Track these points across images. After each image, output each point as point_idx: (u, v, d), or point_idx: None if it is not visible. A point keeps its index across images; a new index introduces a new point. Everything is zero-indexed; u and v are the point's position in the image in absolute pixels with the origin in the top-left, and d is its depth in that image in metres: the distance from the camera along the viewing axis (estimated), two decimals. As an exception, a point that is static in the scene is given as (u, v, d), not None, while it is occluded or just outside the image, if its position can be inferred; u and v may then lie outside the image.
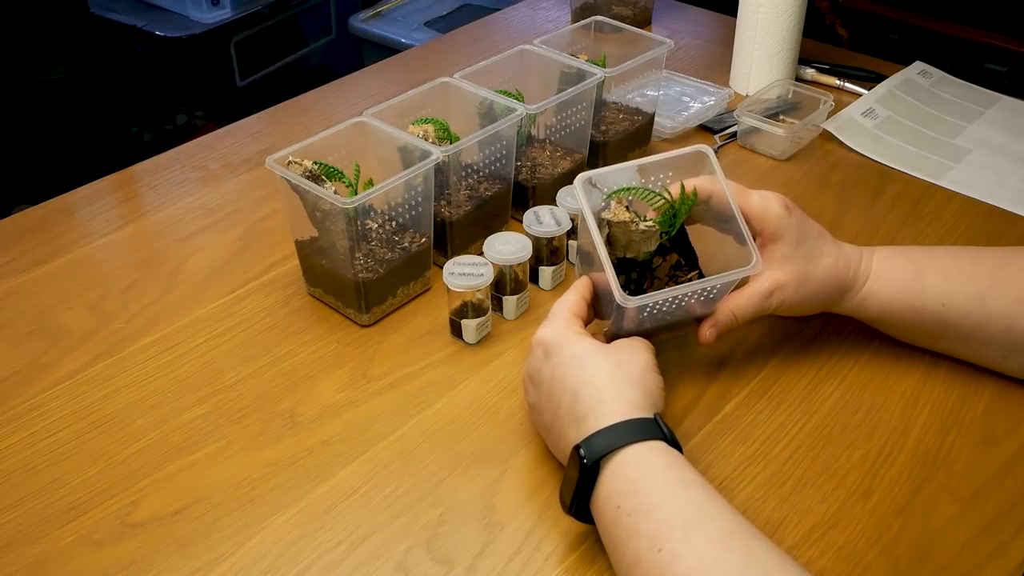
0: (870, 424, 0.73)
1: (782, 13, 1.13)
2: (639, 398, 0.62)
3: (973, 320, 0.72)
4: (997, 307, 0.71)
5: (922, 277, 0.73)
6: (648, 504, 0.57)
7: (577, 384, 0.63)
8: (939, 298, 0.72)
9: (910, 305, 0.73)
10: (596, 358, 0.64)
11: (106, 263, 0.91)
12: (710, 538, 0.55)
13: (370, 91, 1.21)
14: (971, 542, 0.64)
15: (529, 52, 0.97)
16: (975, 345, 0.74)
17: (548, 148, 0.97)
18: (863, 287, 0.74)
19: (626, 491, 0.58)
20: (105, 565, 0.63)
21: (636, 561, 0.56)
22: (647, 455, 0.59)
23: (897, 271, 0.74)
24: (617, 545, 0.58)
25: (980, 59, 1.45)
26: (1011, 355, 0.73)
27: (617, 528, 0.58)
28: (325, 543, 0.64)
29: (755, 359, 0.79)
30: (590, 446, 0.60)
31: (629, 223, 0.69)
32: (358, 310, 0.81)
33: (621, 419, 0.60)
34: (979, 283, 0.72)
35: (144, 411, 0.74)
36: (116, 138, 2.04)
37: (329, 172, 0.79)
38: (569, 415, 0.63)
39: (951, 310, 0.72)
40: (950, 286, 0.72)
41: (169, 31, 2.21)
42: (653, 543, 0.55)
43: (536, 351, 0.67)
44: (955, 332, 0.74)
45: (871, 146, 1.08)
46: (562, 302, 0.70)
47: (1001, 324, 0.72)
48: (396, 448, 0.71)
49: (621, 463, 0.59)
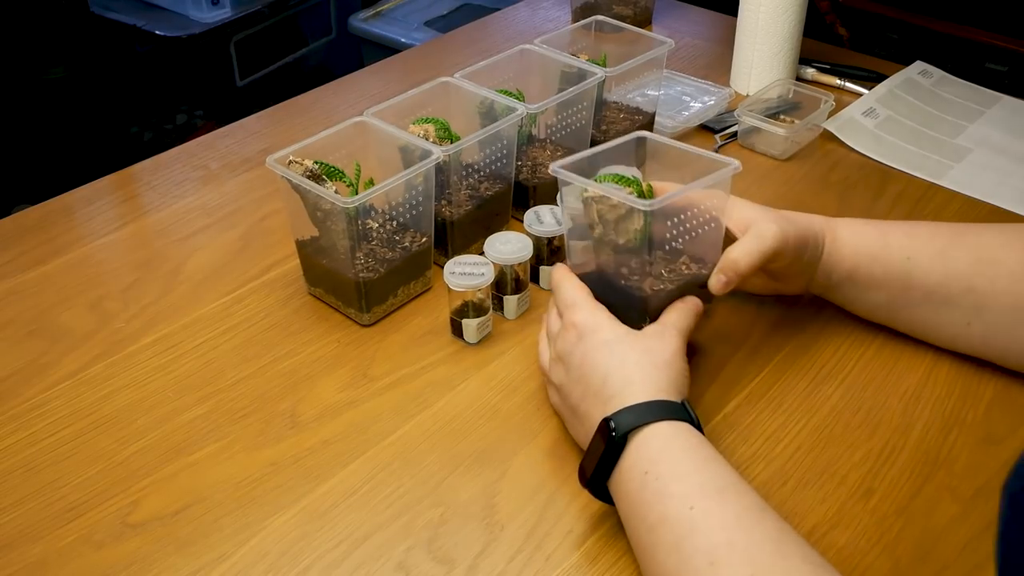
0: (871, 424, 0.73)
1: (782, 13, 1.13)
2: (665, 383, 0.64)
3: (935, 278, 0.74)
4: (958, 266, 0.73)
5: (886, 234, 0.76)
6: (679, 471, 0.58)
7: (607, 368, 0.65)
8: (903, 251, 0.75)
9: (876, 258, 0.75)
10: (627, 345, 0.66)
11: (106, 263, 0.91)
12: (745, 506, 0.56)
13: (370, 91, 1.21)
14: (972, 542, 0.64)
15: (529, 52, 0.97)
16: (938, 307, 0.75)
17: (549, 148, 0.97)
18: (835, 236, 0.76)
19: (655, 459, 0.59)
20: (105, 565, 0.63)
21: (663, 518, 0.56)
22: (676, 432, 0.61)
23: (862, 226, 0.78)
24: (640, 507, 0.59)
25: (980, 59, 1.45)
26: (973, 319, 0.74)
27: (643, 491, 0.59)
28: (326, 543, 0.64)
29: (755, 359, 0.79)
30: (619, 419, 0.61)
31: (607, 197, 0.70)
32: (359, 310, 0.81)
33: (651, 399, 0.62)
34: (940, 241, 0.75)
35: (144, 411, 0.74)
36: (116, 138, 2.04)
37: (330, 172, 0.79)
38: (596, 397, 0.64)
39: (914, 265, 0.74)
40: (913, 243, 0.75)
41: (169, 31, 2.21)
42: (684, 501, 0.56)
43: (569, 333, 0.68)
44: (918, 291, 0.75)
45: (872, 146, 1.08)
46: (573, 287, 0.71)
47: (962, 284, 0.73)
48: (397, 448, 0.71)
49: (650, 435, 0.60)
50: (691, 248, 0.74)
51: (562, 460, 0.69)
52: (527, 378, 0.77)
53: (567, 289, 0.71)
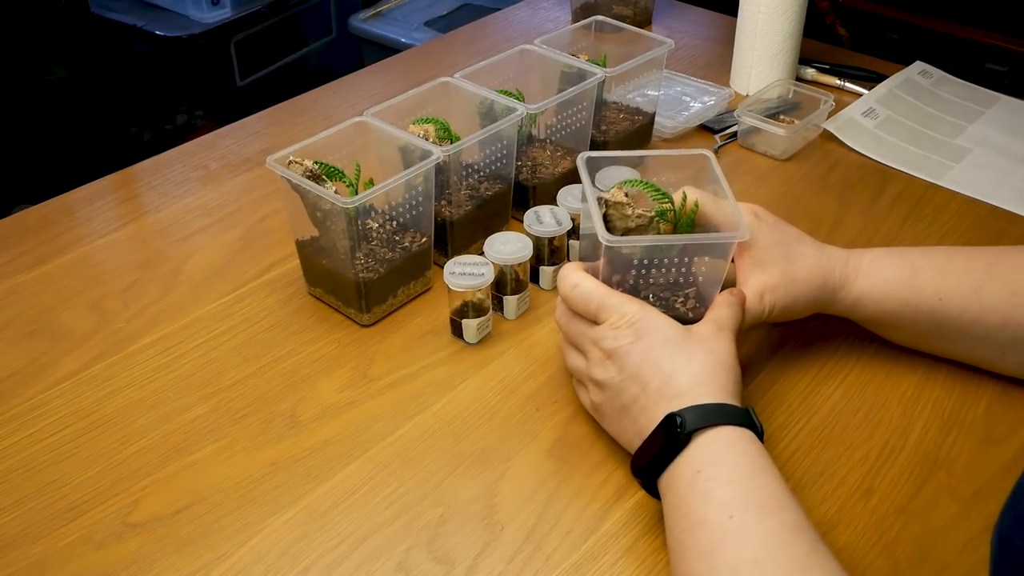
0: (871, 424, 0.73)
1: (782, 13, 1.13)
2: (732, 386, 0.64)
3: (970, 315, 0.72)
4: (993, 301, 0.72)
5: (917, 274, 0.73)
6: (731, 476, 0.58)
7: (672, 367, 0.64)
8: (936, 294, 0.72)
9: (907, 302, 0.73)
10: (691, 345, 0.65)
11: (106, 263, 0.91)
12: (782, 522, 0.56)
13: (370, 91, 1.21)
14: (972, 542, 0.64)
15: (529, 52, 0.97)
16: (973, 342, 0.74)
17: (548, 148, 0.97)
18: (855, 286, 0.74)
19: (711, 461, 0.59)
20: (106, 565, 0.63)
21: (701, 520, 0.57)
22: (739, 437, 0.61)
23: (892, 268, 0.74)
24: (682, 506, 0.59)
25: (980, 59, 1.45)
26: (1009, 351, 0.73)
27: (692, 489, 0.59)
28: (326, 543, 0.64)
29: (755, 359, 0.79)
30: (688, 416, 0.61)
31: (624, 205, 0.70)
32: (358, 310, 0.81)
33: (718, 401, 0.62)
34: (975, 277, 0.72)
35: (144, 411, 0.74)
36: (116, 138, 2.04)
37: (330, 172, 0.79)
38: (658, 393, 0.64)
39: (948, 305, 0.72)
40: (946, 282, 0.73)
41: (169, 31, 2.21)
42: (725, 510, 0.56)
43: (623, 332, 0.66)
44: (953, 329, 0.73)
45: (871, 146, 1.08)
46: (596, 285, 0.68)
47: (998, 319, 0.72)
48: (397, 448, 0.71)
49: (713, 437, 0.60)
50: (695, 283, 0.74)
51: (562, 460, 0.69)
52: (527, 378, 0.77)
53: (591, 290, 0.68)
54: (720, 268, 0.71)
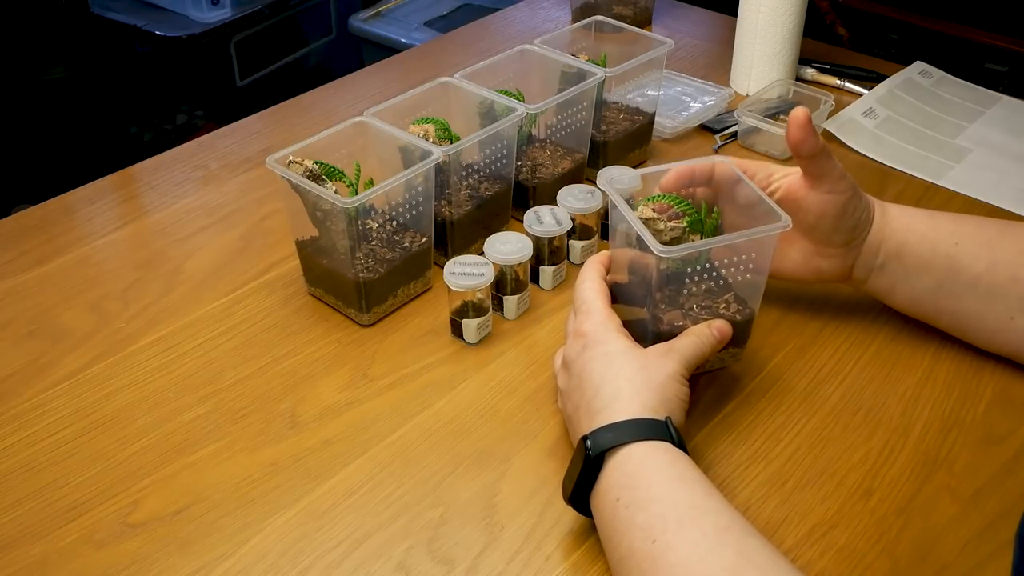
0: (870, 424, 0.73)
1: (782, 13, 1.13)
2: (654, 402, 0.63)
3: (983, 264, 0.73)
4: (1005, 256, 0.73)
5: (935, 218, 0.77)
6: (646, 498, 0.58)
7: (601, 380, 0.64)
8: (952, 237, 0.75)
9: (926, 236, 0.75)
10: (625, 360, 0.65)
11: (106, 263, 0.91)
12: (704, 532, 0.55)
13: (370, 91, 1.21)
14: (972, 542, 0.64)
15: (529, 52, 0.97)
16: (983, 297, 0.74)
17: (548, 148, 0.97)
18: (887, 210, 0.76)
19: (626, 484, 0.59)
20: (106, 565, 0.63)
21: (629, 552, 0.56)
22: (651, 452, 0.60)
23: (912, 209, 0.77)
24: (612, 537, 0.58)
25: (980, 59, 1.45)
26: (1018, 313, 0.73)
27: (614, 520, 0.58)
28: (326, 543, 0.64)
29: (756, 359, 0.79)
30: (596, 438, 0.61)
31: (656, 220, 0.70)
32: (358, 310, 0.81)
33: (631, 417, 0.61)
34: (988, 232, 0.75)
35: (144, 411, 0.74)
36: (116, 138, 2.04)
37: (330, 172, 0.79)
38: (587, 408, 0.64)
39: (962, 251, 0.74)
40: (961, 228, 0.75)
41: (169, 31, 2.21)
42: (647, 534, 0.56)
43: (576, 341, 0.68)
44: (964, 278, 0.74)
45: (871, 146, 1.08)
46: (593, 291, 0.70)
47: (1007, 273, 0.73)
48: (397, 448, 0.71)
49: (624, 458, 0.60)
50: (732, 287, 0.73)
51: (562, 460, 0.69)
52: (527, 378, 0.77)
53: (587, 292, 0.70)
54: (764, 260, 0.71)
